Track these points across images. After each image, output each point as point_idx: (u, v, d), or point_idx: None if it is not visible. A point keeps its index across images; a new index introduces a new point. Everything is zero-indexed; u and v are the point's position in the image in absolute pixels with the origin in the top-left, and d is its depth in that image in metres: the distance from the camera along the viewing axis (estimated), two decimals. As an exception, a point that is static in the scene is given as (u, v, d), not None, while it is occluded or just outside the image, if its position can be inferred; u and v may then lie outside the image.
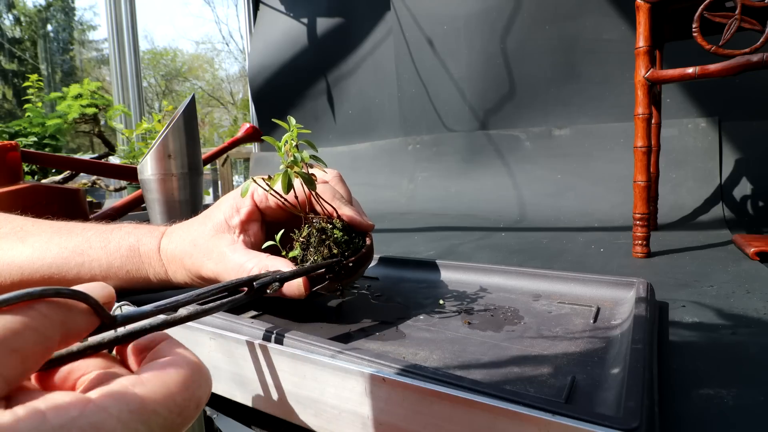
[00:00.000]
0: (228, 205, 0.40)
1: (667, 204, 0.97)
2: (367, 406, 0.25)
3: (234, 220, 0.40)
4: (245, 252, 0.37)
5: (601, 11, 1.15)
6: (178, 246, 0.39)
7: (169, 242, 0.40)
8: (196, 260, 0.38)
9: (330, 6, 1.78)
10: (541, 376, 0.26)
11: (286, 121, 0.36)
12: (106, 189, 1.66)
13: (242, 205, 0.40)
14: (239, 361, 0.30)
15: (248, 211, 0.40)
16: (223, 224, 0.39)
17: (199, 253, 0.38)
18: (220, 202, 0.41)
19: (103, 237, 0.40)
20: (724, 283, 0.49)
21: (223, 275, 0.37)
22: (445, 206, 1.30)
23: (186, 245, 0.39)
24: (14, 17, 7.69)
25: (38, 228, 0.41)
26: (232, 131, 12.76)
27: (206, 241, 0.38)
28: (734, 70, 0.55)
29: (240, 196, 0.40)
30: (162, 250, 0.40)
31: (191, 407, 0.18)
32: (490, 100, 1.33)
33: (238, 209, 0.40)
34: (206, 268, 0.37)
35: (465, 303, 0.40)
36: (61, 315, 0.17)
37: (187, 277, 0.39)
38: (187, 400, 0.17)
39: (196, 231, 0.39)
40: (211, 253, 0.38)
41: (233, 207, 0.40)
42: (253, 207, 0.40)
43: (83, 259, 0.39)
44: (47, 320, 0.16)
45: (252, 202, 0.40)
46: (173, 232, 0.41)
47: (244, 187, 0.38)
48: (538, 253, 0.68)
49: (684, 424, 0.23)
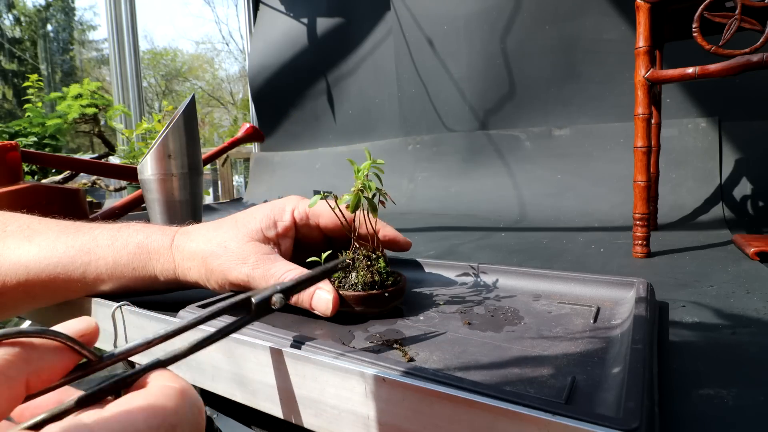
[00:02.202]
0: (264, 216, 0.41)
1: (667, 204, 0.97)
2: (367, 406, 0.25)
3: (270, 232, 0.40)
4: (286, 263, 0.38)
5: (601, 11, 1.15)
6: (200, 245, 0.39)
7: (189, 240, 0.40)
8: (225, 262, 0.38)
9: (330, 6, 1.78)
10: (541, 376, 0.26)
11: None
12: (106, 189, 1.66)
13: (280, 219, 0.41)
14: (239, 361, 0.30)
15: (286, 226, 0.41)
16: (259, 233, 0.40)
17: (232, 256, 0.38)
18: (253, 211, 0.42)
19: (111, 235, 0.40)
20: (724, 283, 0.49)
21: (258, 280, 0.37)
22: (445, 206, 1.29)
23: (213, 246, 0.39)
24: (14, 17, 7.69)
25: (45, 227, 0.41)
26: (232, 131, 12.75)
27: (240, 245, 0.38)
28: (734, 70, 0.55)
29: (277, 210, 0.41)
30: (177, 247, 0.40)
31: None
32: (490, 100, 1.33)
33: (276, 222, 0.41)
34: (238, 271, 0.37)
35: (465, 303, 0.40)
36: (23, 354, 0.16)
37: (202, 277, 0.39)
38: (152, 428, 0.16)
39: (227, 234, 0.39)
40: (248, 258, 0.38)
41: (270, 219, 0.41)
42: (291, 223, 0.41)
43: (89, 258, 0.39)
44: (6, 362, 0.16)
45: (292, 218, 0.42)
46: (193, 231, 0.41)
47: (314, 200, 0.39)
48: (538, 253, 0.68)
49: (684, 424, 0.23)
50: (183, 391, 0.18)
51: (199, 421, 0.18)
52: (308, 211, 0.42)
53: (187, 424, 0.17)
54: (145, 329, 0.36)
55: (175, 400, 0.17)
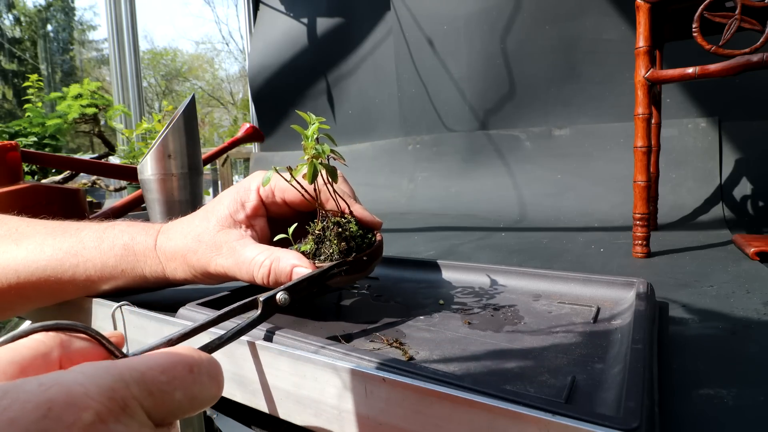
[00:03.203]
0: (231, 200, 0.40)
1: (667, 204, 0.97)
2: (367, 406, 0.25)
3: (239, 215, 0.39)
4: (256, 246, 0.37)
5: (601, 11, 1.15)
6: (178, 243, 0.39)
7: (167, 239, 0.39)
8: (202, 256, 0.37)
9: (330, 6, 1.78)
10: (541, 376, 0.26)
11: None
12: (106, 189, 1.66)
13: (247, 200, 0.40)
14: (239, 361, 0.30)
15: (254, 206, 0.40)
16: (228, 219, 0.39)
17: (206, 248, 0.37)
18: (220, 197, 0.41)
19: (97, 236, 0.40)
20: (724, 283, 0.49)
21: (233, 269, 0.37)
22: (445, 206, 1.29)
23: (189, 242, 0.38)
24: (14, 17, 7.68)
25: (32, 229, 0.40)
26: (232, 131, 12.76)
27: (212, 236, 0.38)
28: (734, 70, 0.55)
29: (242, 191, 0.40)
30: (159, 248, 0.39)
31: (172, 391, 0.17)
32: (490, 100, 1.33)
33: (243, 204, 0.39)
34: (215, 263, 0.37)
35: (465, 303, 0.40)
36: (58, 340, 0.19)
37: (189, 274, 0.39)
38: (165, 383, 0.17)
39: (199, 227, 0.39)
40: (220, 248, 0.37)
41: (237, 202, 0.39)
42: (258, 202, 0.40)
43: (77, 260, 0.39)
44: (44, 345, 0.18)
45: (258, 197, 0.40)
46: (170, 229, 0.40)
47: (266, 176, 0.36)
48: (538, 253, 0.68)
49: (684, 424, 0.23)
50: (203, 360, 0.19)
51: (216, 372, 0.20)
52: (272, 188, 0.40)
53: (204, 368, 0.19)
54: (145, 329, 0.36)
55: (190, 350, 0.19)
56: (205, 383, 0.19)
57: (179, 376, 0.18)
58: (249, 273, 0.36)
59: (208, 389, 0.19)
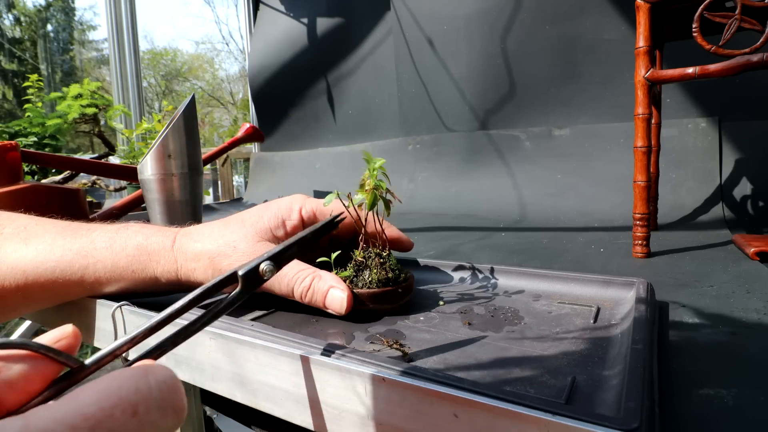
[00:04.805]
0: (272, 215, 0.41)
1: (667, 204, 0.96)
2: (367, 406, 0.25)
3: (279, 232, 0.40)
4: (298, 262, 0.38)
5: (601, 11, 1.15)
6: (206, 245, 0.39)
7: (192, 241, 0.39)
8: (234, 262, 0.38)
9: (330, 6, 1.78)
10: (541, 376, 0.26)
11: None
12: (106, 189, 1.66)
13: (288, 219, 0.41)
14: (239, 361, 0.30)
15: (294, 225, 0.41)
16: (268, 233, 0.40)
17: (242, 256, 0.38)
18: (260, 210, 0.41)
19: (108, 237, 0.40)
20: (724, 283, 0.49)
21: (272, 280, 0.37)
22: (445, 206, 1.29)
23: (221, 246, 0.38)
24: (14, 17, 7.68)
25: (42, 228, 0.40)
26: (232, 131, 12.75)
27: (250, 245, 0.38)
28: (734, 70, 0.55)
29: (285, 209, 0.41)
30: (179, 249, 0.39)
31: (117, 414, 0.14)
32: (490, 100, 1.33)
33: (284, 222, 0.41)
34: None
35: (465, 303, 0.40)
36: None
37: (210, 277, 0.39)
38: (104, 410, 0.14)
39: (235, 234, 0.39)
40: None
41: (279, 218, 0.41)
42: (299, 222, 0.41)
43: (87, 261, 0.38)
44: None
45: (299, 217, 0.41)
46: (195, 231, 0.40)
47: (329, 198, 0.39)
48: (538, 253, 0.68)
49: (684, 424, 0.23)
50: (147, 369, 0.16)
51: (171, 398, 0.16)
52: (316, 211, 0.42)
53: (154, 402, 0.15)
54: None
55: (134, 380, 0.15)
56: (156, 421, 0.15)
57: (116, 427, 0.14)
58: (289, 286, 0.37)
59: (160, 427, 0.15)
